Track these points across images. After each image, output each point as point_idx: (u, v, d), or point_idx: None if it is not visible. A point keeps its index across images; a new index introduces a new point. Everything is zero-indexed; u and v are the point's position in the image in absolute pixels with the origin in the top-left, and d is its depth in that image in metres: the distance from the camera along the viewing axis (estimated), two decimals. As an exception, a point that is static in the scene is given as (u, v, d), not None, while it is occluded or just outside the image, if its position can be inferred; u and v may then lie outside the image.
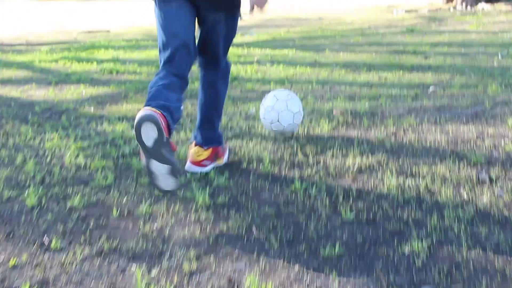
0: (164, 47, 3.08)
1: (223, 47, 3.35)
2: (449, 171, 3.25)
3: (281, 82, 6.05)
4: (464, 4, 13.54)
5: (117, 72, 7.41)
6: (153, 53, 8.95)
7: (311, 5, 19.06)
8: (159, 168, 2.71)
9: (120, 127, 4.65)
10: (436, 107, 4.65)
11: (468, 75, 5.79)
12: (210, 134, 3.49)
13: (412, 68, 6.33)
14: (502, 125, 4.07)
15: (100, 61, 8.36)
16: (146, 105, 2.79)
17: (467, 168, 3.29)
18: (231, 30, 3.30)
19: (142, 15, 19.82)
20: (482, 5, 13.22)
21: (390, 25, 10.99)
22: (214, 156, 3.51)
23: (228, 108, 5.05)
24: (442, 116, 4.37)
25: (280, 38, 9.95)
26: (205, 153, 3.46)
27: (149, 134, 2.65)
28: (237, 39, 10.64)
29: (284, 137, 4.07)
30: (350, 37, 9.43)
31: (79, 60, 8.60)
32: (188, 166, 3.49)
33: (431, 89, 5.30)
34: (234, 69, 6.93)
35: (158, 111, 2.70)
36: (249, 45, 9.36)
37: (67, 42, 12.35)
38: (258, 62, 7.48)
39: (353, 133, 4.10)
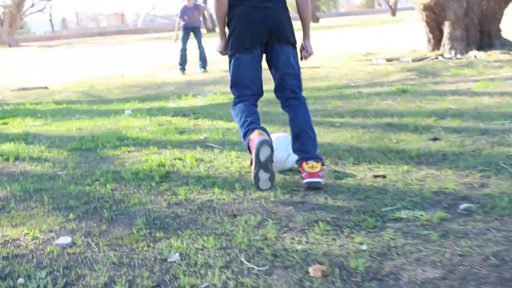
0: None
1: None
2: None
3: (229, 186, 4.11)
4: (453, 52, 11.69)
5: (16, 158, 5.40)
6: (76, 125, 6.96)
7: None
8: (263, 176, 3.68)
9: None
10: (491, 263, 2.63)
11: (509, 174, 3.82)
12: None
13: (419, 160, 4.38)
14: None
15: (4, 139, 6.39)
16: (254, 128, 3.82)
17: None
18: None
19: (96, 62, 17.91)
20: (473, 53, 11.39)
21: (373, 81, 9.06)
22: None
23: (134, 246, 3.05)
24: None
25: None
26: (319, 165, 3.85)
27: (265, 153, 3.61)
28: (187, 102, 8.69)
29: None
30: (326, 100, 7.47)
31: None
32: (309, 181, 3.82)
33: (462, 207, 3.32)
34: (168, 160, 4.96)
35: (266, 134, 3.74)
36: (198, 112, 7.39)
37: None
38: (204, 143, 5.49)
39: None
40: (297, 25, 3.92)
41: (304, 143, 3.94)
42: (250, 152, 3.81)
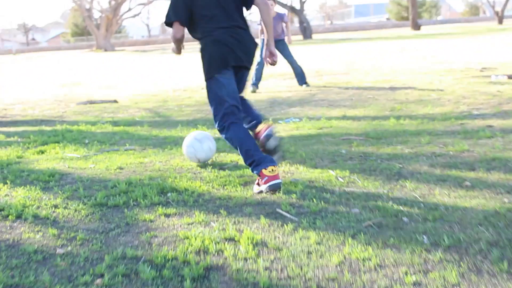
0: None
1: None
2: None
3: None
4: None
5: (18, 217, 3.95)
6: (119, 161, 5.42)
7: (379, 64, 15.32)
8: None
9: None
10: None
11: None
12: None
13: None
14: None
15: (23, 180, 4.90)
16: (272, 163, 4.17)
17: None
18: None
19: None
20: None
21: (502, 109, 7.09)
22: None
23: None
24: None
25: (329, 133, 6.20)
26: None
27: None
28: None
29: None
30: (446, 139, 5.59)
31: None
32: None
33: None
34: (214, 240, 3.34)
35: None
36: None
37: (49, 120, 9.17)
38: (274, 209, 3.81)
39: None
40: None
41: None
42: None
